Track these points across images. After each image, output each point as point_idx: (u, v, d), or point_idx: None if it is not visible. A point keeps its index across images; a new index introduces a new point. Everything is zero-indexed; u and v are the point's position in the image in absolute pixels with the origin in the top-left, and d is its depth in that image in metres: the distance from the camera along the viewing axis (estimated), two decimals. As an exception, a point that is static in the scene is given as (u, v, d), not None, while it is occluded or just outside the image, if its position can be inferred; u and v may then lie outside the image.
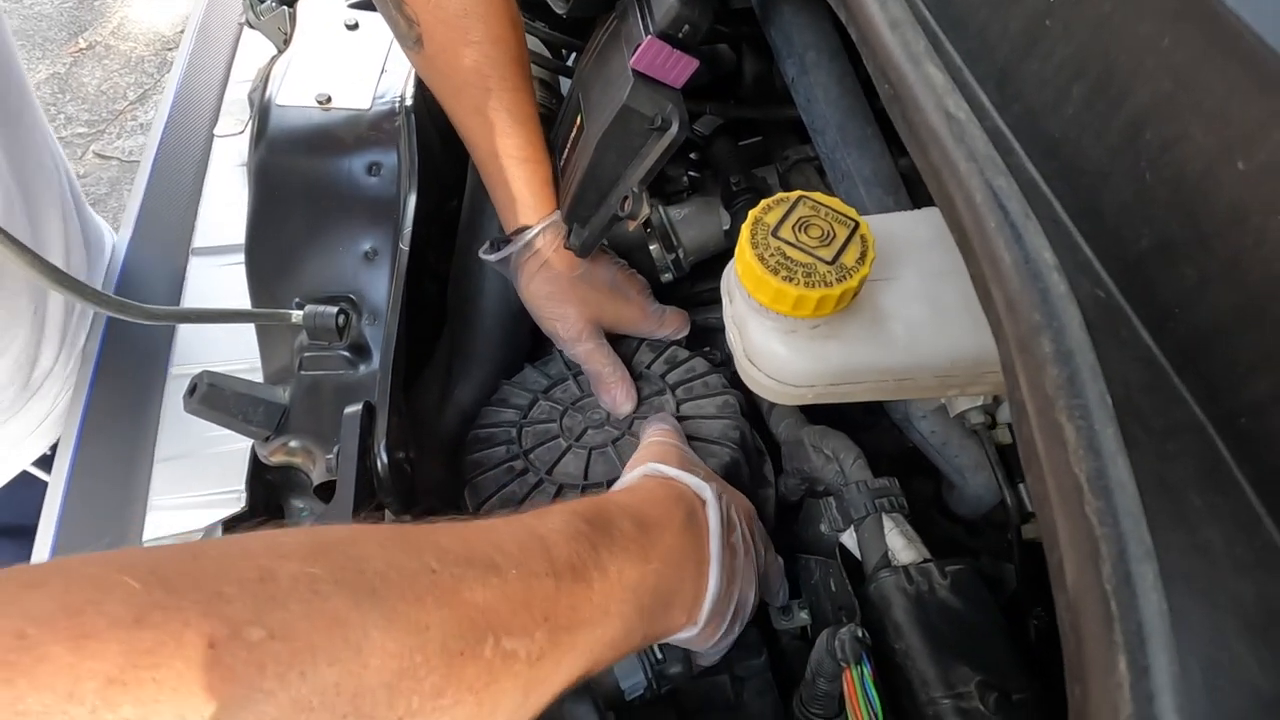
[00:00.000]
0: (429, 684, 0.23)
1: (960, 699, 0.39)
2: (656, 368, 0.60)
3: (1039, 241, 0.19)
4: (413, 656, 0.23)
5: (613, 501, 0.36)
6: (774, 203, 0.33)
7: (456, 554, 0.27)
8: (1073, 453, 0.17)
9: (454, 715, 0.24)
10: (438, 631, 0.24)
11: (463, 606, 0.25)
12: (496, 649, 0.26)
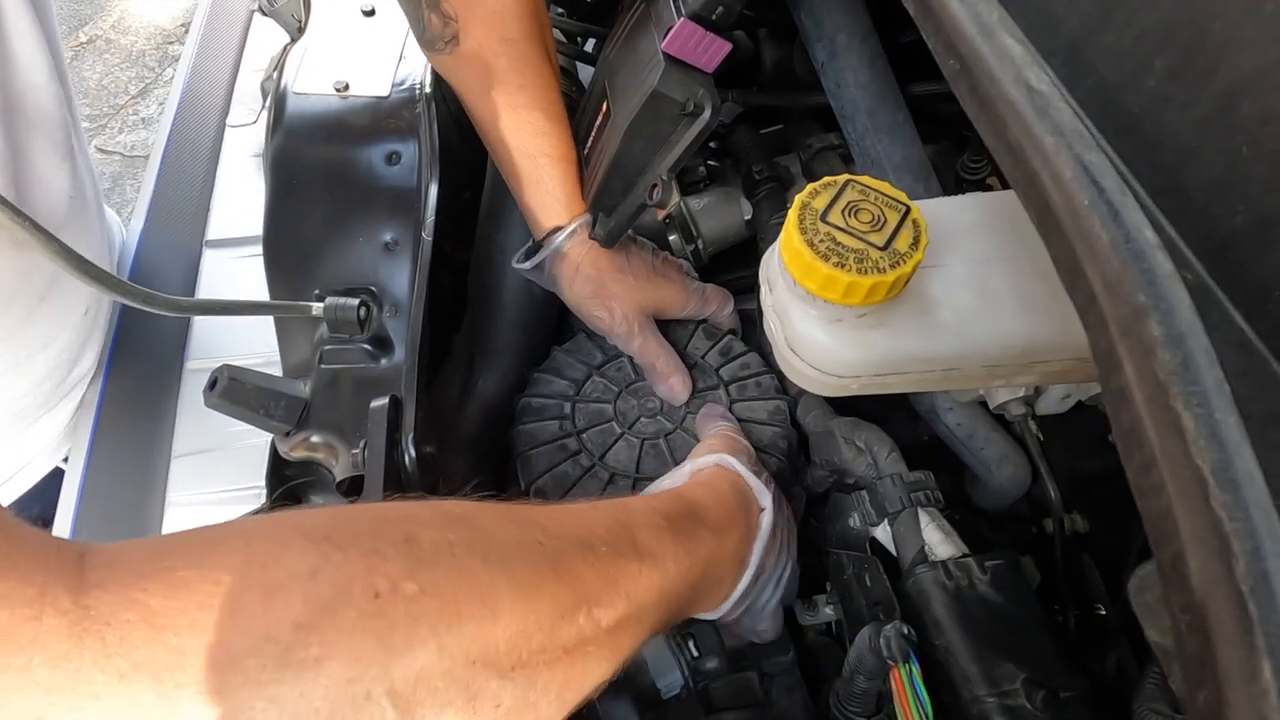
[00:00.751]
0: (536, 642, 0.27)
1: (1005, 697, 0.38)
2: (711, 358, 0.59)
3: (1138, 219, 0.18)
4: (528, 618, 0.26)
5: (693, 501, 0.39)
6: (821, 186, 0.32)
7: (557, 530, 0.30)
8: (1192, 443, 0.16)
9: (551, 672, 0.27)
10: (548, 597, 0.27)
11: (565, 576, 0.29)
12: (588, 617, 0.29)
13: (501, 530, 0.28)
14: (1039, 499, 0.56)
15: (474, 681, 0.25)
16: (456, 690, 0.24)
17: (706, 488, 0.42)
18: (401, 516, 0.26)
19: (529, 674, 0.26)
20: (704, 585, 0.38)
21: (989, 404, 0.45)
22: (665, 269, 0.57)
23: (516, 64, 0.48)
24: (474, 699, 0.25)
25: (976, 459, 0.56)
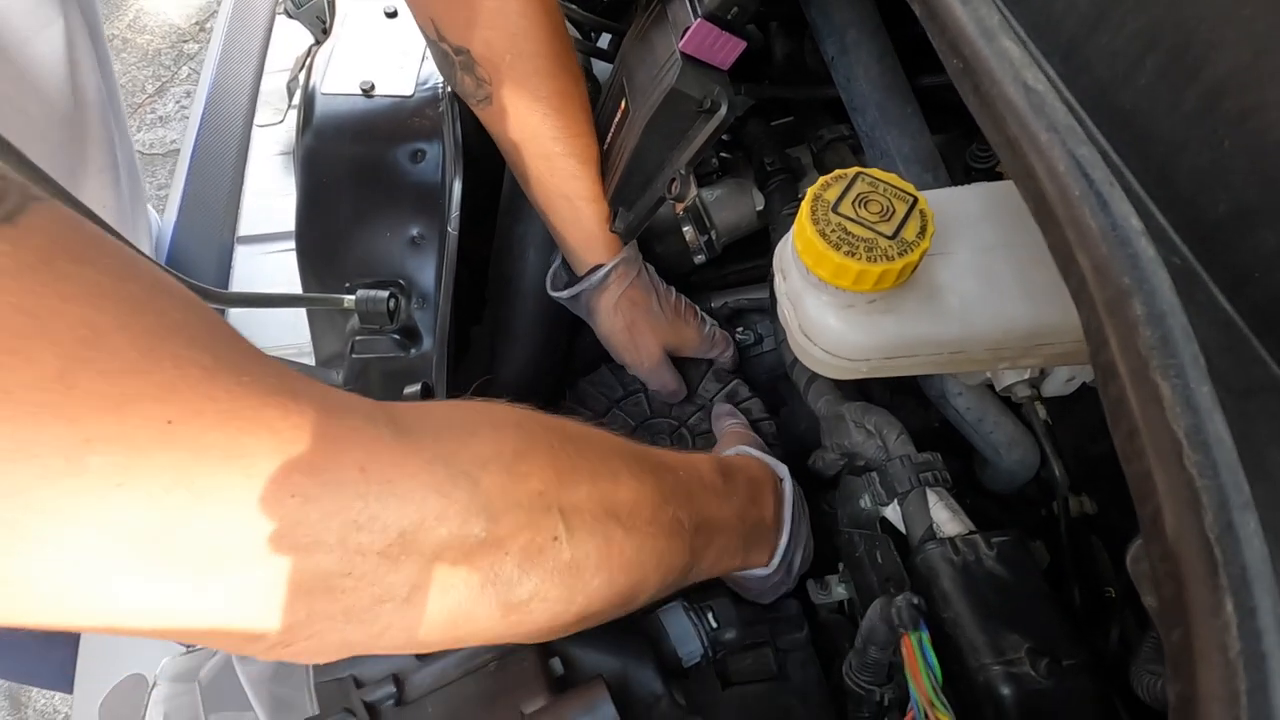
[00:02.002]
0: (645, 515, 0.35)
1: (1010, 665, 0.40)
2: (719, 400, 0.67)
3: (1125, 208, 0.20)
4: (639, 493, 0.35)
5: (733, 461, 0.47)
6: (832, 179, 0.34)
7: (642, 450, 0.38)
8: (1169, 410, 0.17)
9: (654, 543, 0.35)
10: (650, 485, 0.36)
11: (659, 474, 0.37)
12: (674, 515, 0.36)
13: (607, 436, 0.37)
14: (1048, 482, 0.58)
15: (607, 525, 0.33)
16: (597, 526, 0.32)
17: (740, 459, 0.48)
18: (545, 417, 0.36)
19: (640, 538, 0.34)
20: (756, 533, 0.45)
21: (995, 386, 0.46)
22: (687, 313, 0.64)
23: (550, 118, 0.51)
24: (608, 540, 0.32)
25: (986, 442, 0.57)
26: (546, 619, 0.31)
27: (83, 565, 0.21)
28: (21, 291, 0.19)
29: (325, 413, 0.25)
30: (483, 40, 0.48)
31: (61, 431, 0.19)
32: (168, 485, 0.21)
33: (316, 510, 0.24)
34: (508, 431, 0.31)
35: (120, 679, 0.50)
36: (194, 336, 0.23)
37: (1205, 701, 0.15)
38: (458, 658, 0.35)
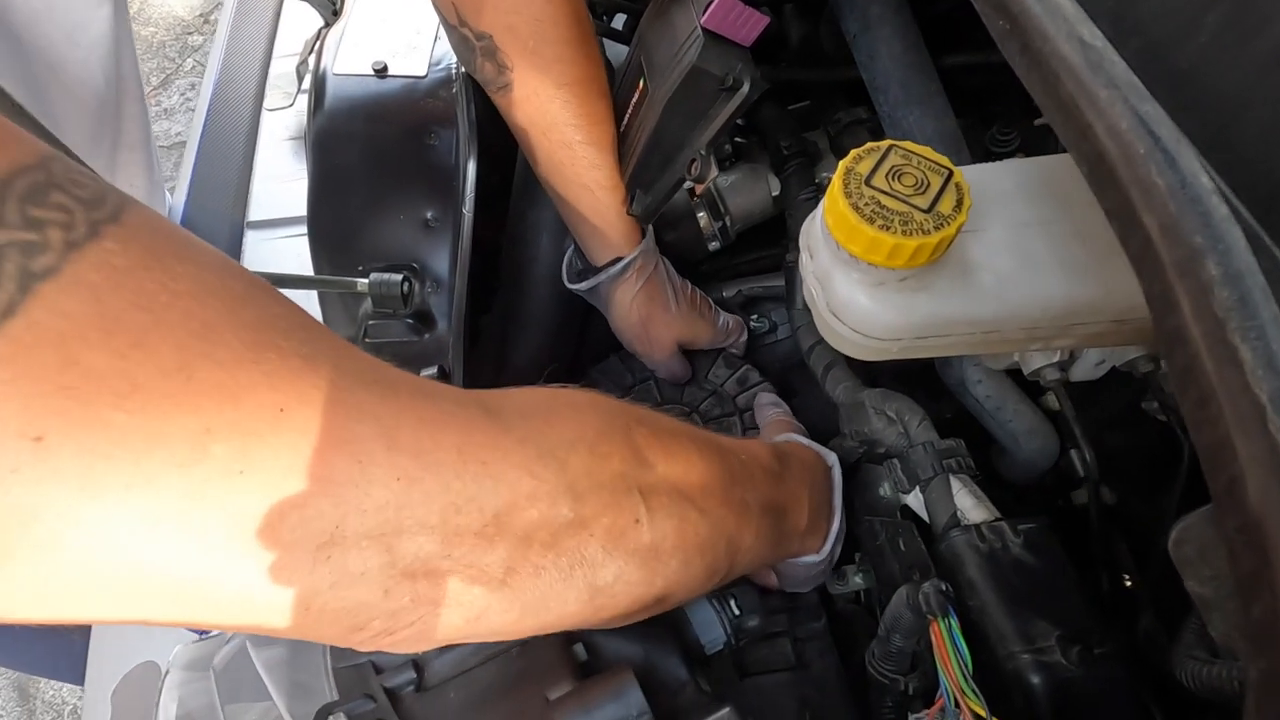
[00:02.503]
0: (712, 499, 0.35)
1: (1040, 653, 0.39)
2: (730, 387, 0.66)
3: (1194, 165, 0.19)
4: (708, 475, 0.35)
5: (785, 448, 0.47)
6: (864, 152, 0.33)
7: (704, 433, 0.39)
8: (1250, 373, 0.16)
9: (724, 525, 0.36)
10: (718, 467, 0.36)
11: (724, 456, 0.38)
12: (741, 497, 0.37)
13: (674, 420, 0.37)
14: (1066, 472, 0.57)
15: (683, 507, 0.33)
16: (673, 508, 0.32)
17: (791, 446, 0.49)
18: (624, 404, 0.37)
19: (712, 519, 0.34)
20: (810, 517, 0.45)
21: (1024, 370, 0.45)
22: (702, 306, 0.64)
23: (571, 105, 0.50)
24: (683, 521, 0.33)
25: (1005, 431, 0.56)
26: (628, 602, 0.31)
27: (210, 553, 0.21)
28: (138, 290, 0.20)
29: (420, 397, 0.26)
30: (506, 26, 0.47)
31: (186, 421, 0.20)
32: (284, 471, 0.22)
33: (419, 492, 0.25)
34: (587, 413, 0.32)
35: (132, 667, 0.50)
36: (290, 328, 0.24)
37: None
38: (477, 645, 0.35)
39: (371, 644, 0.26)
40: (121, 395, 0.19)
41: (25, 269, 0.18)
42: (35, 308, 0.18)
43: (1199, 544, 0.29)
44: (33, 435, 0.18)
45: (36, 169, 0.20)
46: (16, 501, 0.19)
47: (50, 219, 0.19)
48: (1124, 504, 0.54)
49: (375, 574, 0.24)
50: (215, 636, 0.46)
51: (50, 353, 0.19)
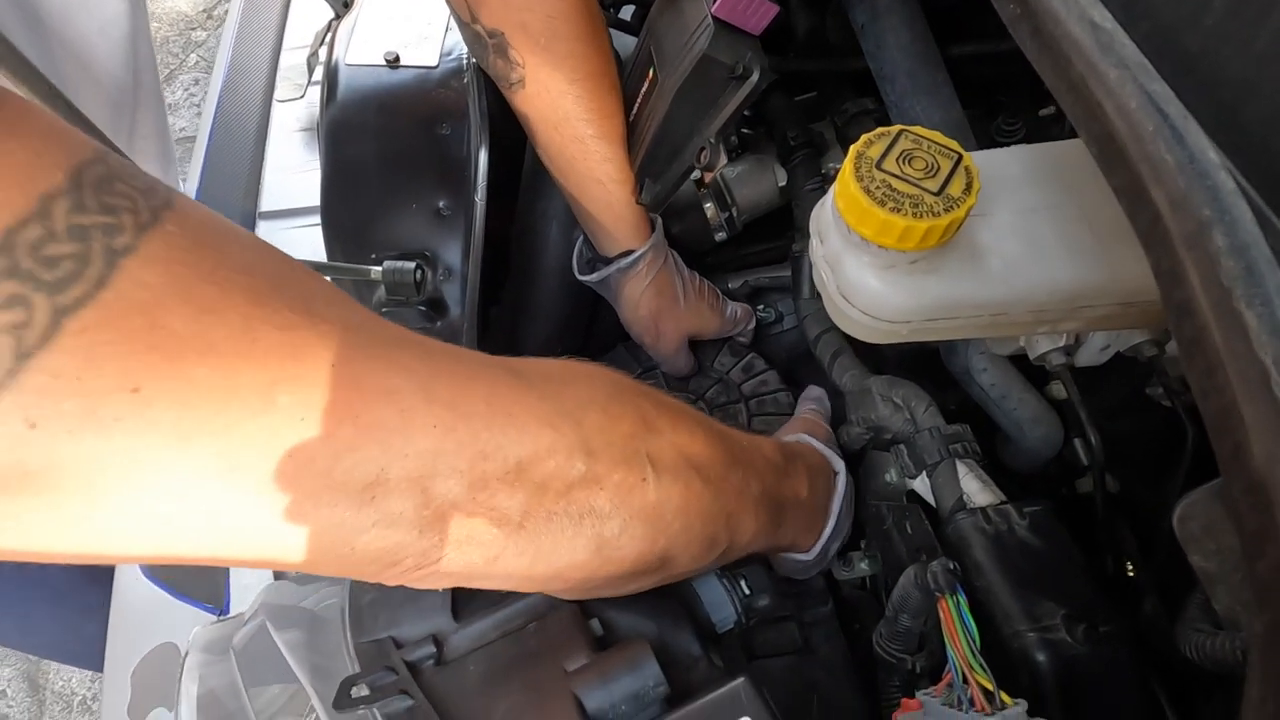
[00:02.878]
0: (715, 473, 0.36)
1: (1046, 631, 0.40)
2: (735, 375, 0.67)
3: (1202, 142, 0.20)
4: (711, 452, 0.37)
5: (793, 446, 0.49)
6: (875, 137, 0.33)
7: (708, 418, 0.40)
8: (1255, 339, 0.17)
9: (725, 500, 0.37)
10: (720, 448, 0.38)
11: (727, 440, 0.39)
12: (742, 478, 0.39)
13: (679, 401, 0.39)
14: (1070, 461, 0.58)
15: (688, 474, 0.35)
16: (679, 473, 0.34)
17: (800, 446, 0.51)
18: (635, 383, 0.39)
19: (714, 491, 0.36)
20: (804, 516, 0.46)
21: (1030, 354, 0.46)
22: (710, 298, 0.65)
23: (583, 100, 0.51)
24: (688, 487, 0.34)
25: (1009, 419, 0.57)
26: (633, 557, 0.33)
27: (278, 491, 0.24)
28: (200, 265, 0.22)
29: (450, 357, 0.29)
30: (519, 23, 0.47)
31: (256, 375, 0.23)
32: (339, 419, 0.24)
33: (452, 440, 0.27)
34: (600, 380, 0.34)
35: (150, 648, 0.51)
36: (329, 299, 0.26)
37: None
38: (495, 620, 0.35)
39: (401, 578, 0.29)
40: (201, 353, 0.22)
41: (109, 247, 0.21)
42: (121, 280, 0.21)
43: (1203, 520, 0.30)
44: (130, 387, 0.20)
45: (97, 162, 0.22)
46: (120, 446, 0.21)
47: (120, 205, 0.21)
48: (1128, 491, 0.55)
49: (411, 514, 0.26)
50: (233, 618, 0.47)
51: (138, 318, 0.21)
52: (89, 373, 0.20)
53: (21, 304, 0.19)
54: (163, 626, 0.51)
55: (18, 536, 0.21)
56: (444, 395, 0.27)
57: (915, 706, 0.39)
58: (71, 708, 1.45)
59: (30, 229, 0.19)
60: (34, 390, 0.19)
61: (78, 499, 0.21)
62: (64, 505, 0.21)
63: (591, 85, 0.50)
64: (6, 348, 0.19)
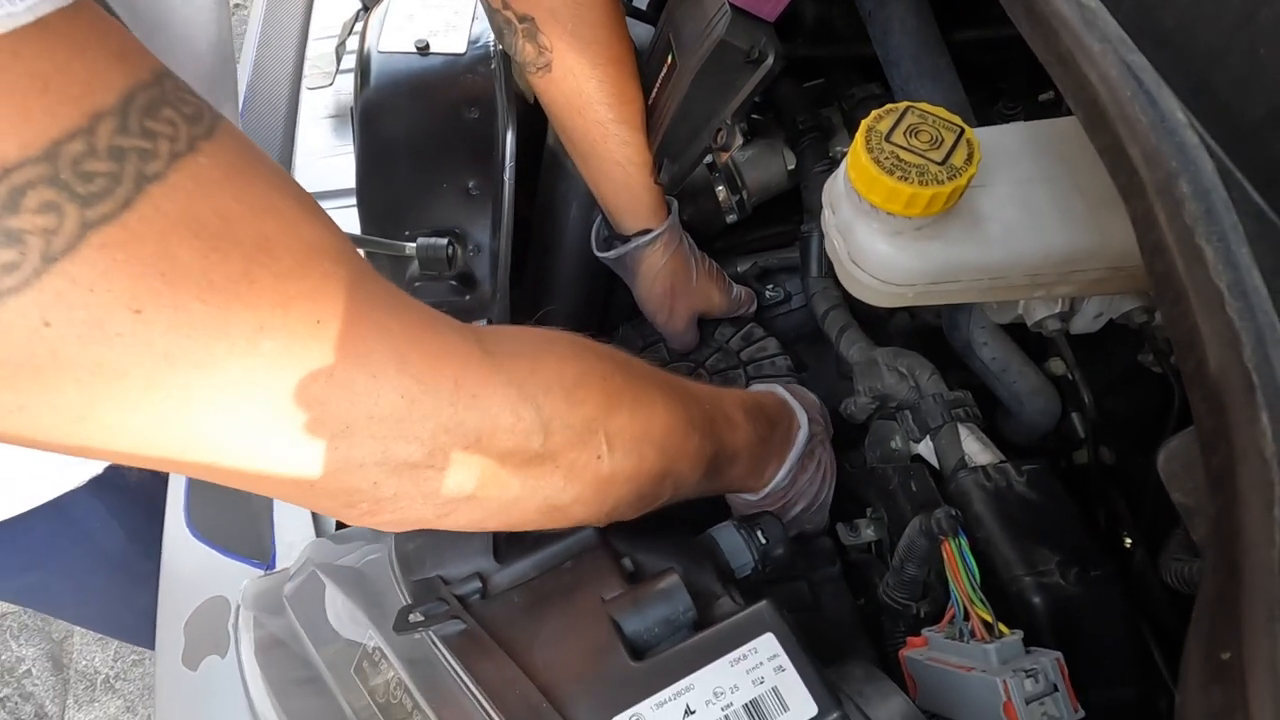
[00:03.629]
0: (670, 442, 0.39)
1: (1042, 575, 0.43)
2: (734, 343, 0.70)
3: (1172, 104, 0.23)
4: (670, 423, 0.39)
5: (758, 399, 0.51)
6: (884, 112, 0.36)
7: (679, 382, 0.43)
8: (1212, 268, 0.20)
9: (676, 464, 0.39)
10: (681, 416, 0.40)
11: (689, 405, 0.41)
12: (698, 444, 0.41)
13: (650, 369, 0.41)
14: (1067, 435, 0.61)
15: (641, 447, 0.37)
16: (633, 447, 0.36)
17: (764, 395, 0.53)
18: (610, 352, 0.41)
19: (666, 459, 0.38)
20: (759, 460, 0.49)
21: (1027, 320, 0.49)
22: (718, 279, 0.68)
23: (606, 85, 0.53)
24: (640, 459, 0.37)
25: (1009, 392, 0.60)
26: (580, 518, 0.37)
27: (249, 426, 0.25)
28: (220, 199, 0.23)
29: (430, 329, 0.30)
30: (548, 9, 0.50)
31: (246, 318, 0.24)
32: (314, 373, 0.26)
33: (418, 411, 0.29)
34: (569, 362, 0.35)
35: (200, 602, 0.54)
36: (334, 251, 0.27)
37: (1245, 494, 0.18)
38: (534, 561, 0.38)
39: (359, 520, 0.31)
40: (201, 288, 0.23)
41: (140, 172, 0.22)
42: (144, 204, 0.22)
43: (1183, 460, 0.33)
44: (134, 308, 0.22)
45: (152, 85, 0.23)
46: (114, 359, 0.22)
47: (161, 131, 0.22)
48: (1122, 464, 0.58)
49: (371, 467, 0.29)
50: (280, 572, 0.50)
51: (152, 244, 0.22)
52: (101, 286, 0.21)
53: (55, 211, 0.20)
54: (212, 582, 0.54)
55: (22, 424, 0.23)
56: (415, 368, 0.28)
57: (921, 643, 0.42)
58: (95, 686, 1.49)
59: (75, 143, 0.20)
60: (53, 292, 0.21)
61: (76, 399, 0.23)
62: (64, 403, 0.23)
63: (614, 70, 0.53)
64: (35, 249, 0.20)
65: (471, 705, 0.30)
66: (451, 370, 0.30)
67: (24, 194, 0.20)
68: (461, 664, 0.31)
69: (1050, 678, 0.35)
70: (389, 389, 0.28)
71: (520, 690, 0.30)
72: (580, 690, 0.30)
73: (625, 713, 0.29)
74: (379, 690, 0.34)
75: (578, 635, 0.33)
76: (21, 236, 0.20)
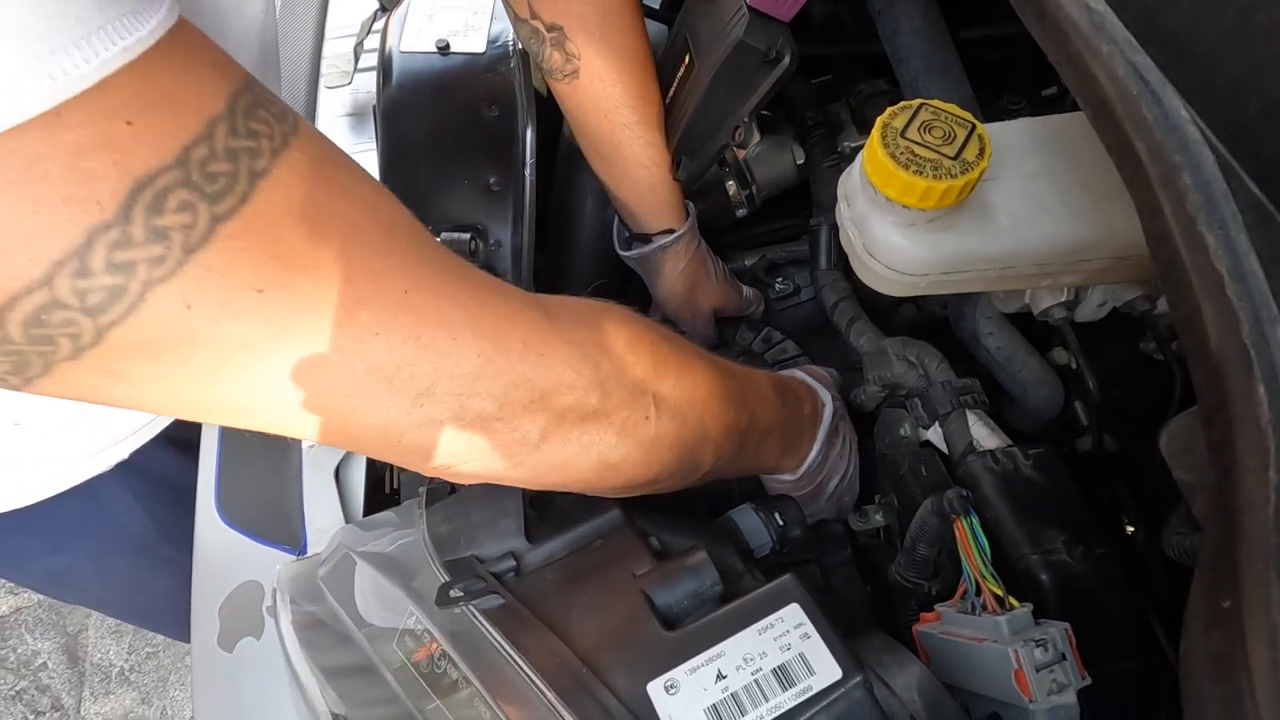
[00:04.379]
0: (709, 412, 0.41)
1: (1048, 554, 0.45)
2: (756, 346, 0.72)
3: (1175, 101, 0.24)
4: (709, 393, 0.41)
5: (785, 380, 0.54)
6: (899, 109, 0.38)
7: (715, 357, 0.45)
8: (1213, 254, 0.22)
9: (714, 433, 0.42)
10: (719, 388, 0.42)
11: (726, 379, 0.43)
12: (734, 416, 0.43)
13: (691, 344, 0.44)
14: (1070, 423, 0.62)
15: (684, 413, 0.39)
16: (677, 413, 0.39)
17: (787, 378, 0.55)
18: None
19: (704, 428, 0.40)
20: (787, 442, 0.51)
21: (1034, 309, 0.50)
22: (732, 279, 0.71)
23: (630, 89, 0.55)
24: (682, 425, 0.39)
25: (1014, 381, 0.62)
26: (629, 478, 0.39)
27: (347, 388, 0.28)
28: (313, 187, 0.26)
29: (499, 295, 0.33)
30: (577, 16, 0.51)
31: (345, 291, 0.27)
32: (404, 338, 0.29)
33: (491, 368, 0.32)
34: (623, 327, 0.38)
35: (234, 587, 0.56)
36: (410, 231, 0.30)
37: (1244, 459, 0.19)
38: (564, 540, 0.40)
39: (436, 472, 0.34)
40: (308, 267, 0.26)
41: (252, 169, 0.24)
42: (257, 198, 0.24)
43: (1184, 439, 0.35)
44: (256, 288, 0.25)
45: (246, 90, 0.25)
46: (240, 335, 0.25)
47: (261, 130, 0.25)
48: (1124, 451, 0.60)
49: (449, 422, 0.32)
50: (312, 556, 0.52)
51: (266, 232, 0.25)
52: (230, 271, 0.24)
53: (190, 210, 0.23)
54: (244, 568, 0.56)
55: (159, 392, 0.26)
56: (488, 330, 0.32)
57: (934, 618, 0.44)
58: (110, 678, 1.51)
59: (200, 148, 0.23)
60: (193, 279, 0.24)
61: (207, 368, 0.26)
62: (196, 372, 0.26)
63: (638, 74, 0.55)
64: (178, 243, 0.23)
65: (515, 674, 0.32)
66: (519, 331, 0.33)
67: (166, 197, 0.22)
68: (504, 635, 0.33)
69: (1059, 647, 0.37)
70: (467, 350, 0.31)
71: (561, 658, 0.31)
72: (617, 658, 0.32)
73: (661, 678, 0.31)
74: (423, 663, 0.36)
75: (611, 608, 0.35)
76: (166, 233, 0.23)
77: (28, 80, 0.19)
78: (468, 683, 0.32)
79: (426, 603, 0.37)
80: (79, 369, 0.24)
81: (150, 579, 0.70)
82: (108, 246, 0.22)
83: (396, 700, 0.36)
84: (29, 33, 0.19)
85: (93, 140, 0.21)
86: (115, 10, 0.21)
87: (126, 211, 0.22)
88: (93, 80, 0.21)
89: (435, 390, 0.30)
